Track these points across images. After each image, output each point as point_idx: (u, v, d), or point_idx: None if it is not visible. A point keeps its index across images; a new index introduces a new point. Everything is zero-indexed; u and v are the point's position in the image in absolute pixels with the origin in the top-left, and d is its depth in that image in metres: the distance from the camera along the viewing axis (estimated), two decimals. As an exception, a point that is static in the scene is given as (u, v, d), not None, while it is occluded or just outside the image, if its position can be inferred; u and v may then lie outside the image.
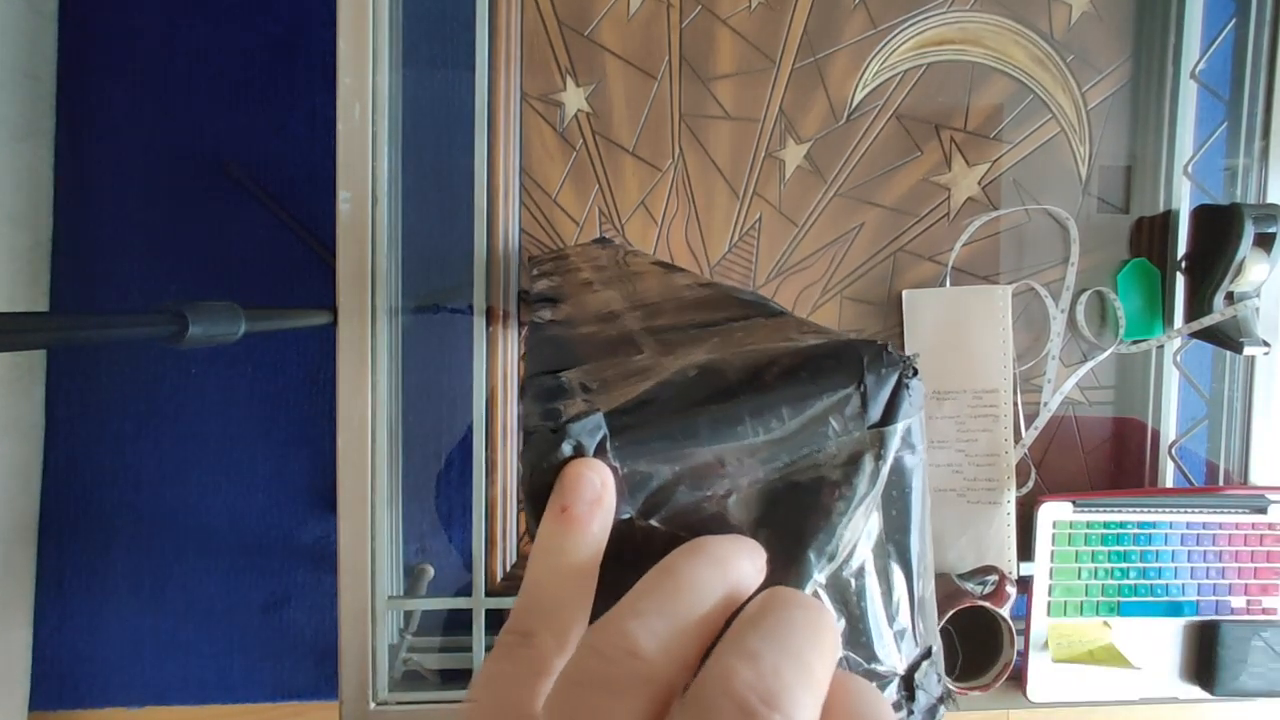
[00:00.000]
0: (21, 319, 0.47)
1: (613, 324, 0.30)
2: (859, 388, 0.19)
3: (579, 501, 0.18)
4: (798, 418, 0.19)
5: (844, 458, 0.19)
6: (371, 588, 0.64)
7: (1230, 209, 0.67)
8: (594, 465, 0.18)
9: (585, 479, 0.18)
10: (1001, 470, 0.69)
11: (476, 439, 0.67)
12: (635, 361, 0.23)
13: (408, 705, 0.65)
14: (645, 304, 0.33)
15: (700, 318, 0.28)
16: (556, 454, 0.19)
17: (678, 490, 0.19)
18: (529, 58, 0.68)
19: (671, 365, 0.22)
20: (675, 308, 0.31)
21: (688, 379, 0.20)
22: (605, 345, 0.27)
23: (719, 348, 0.23)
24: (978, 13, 0.70)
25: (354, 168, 0.63)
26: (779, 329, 0.24)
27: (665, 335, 0.26)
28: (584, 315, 0.33)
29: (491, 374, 0.68)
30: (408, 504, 0.72)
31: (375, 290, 0.64)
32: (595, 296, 0.38)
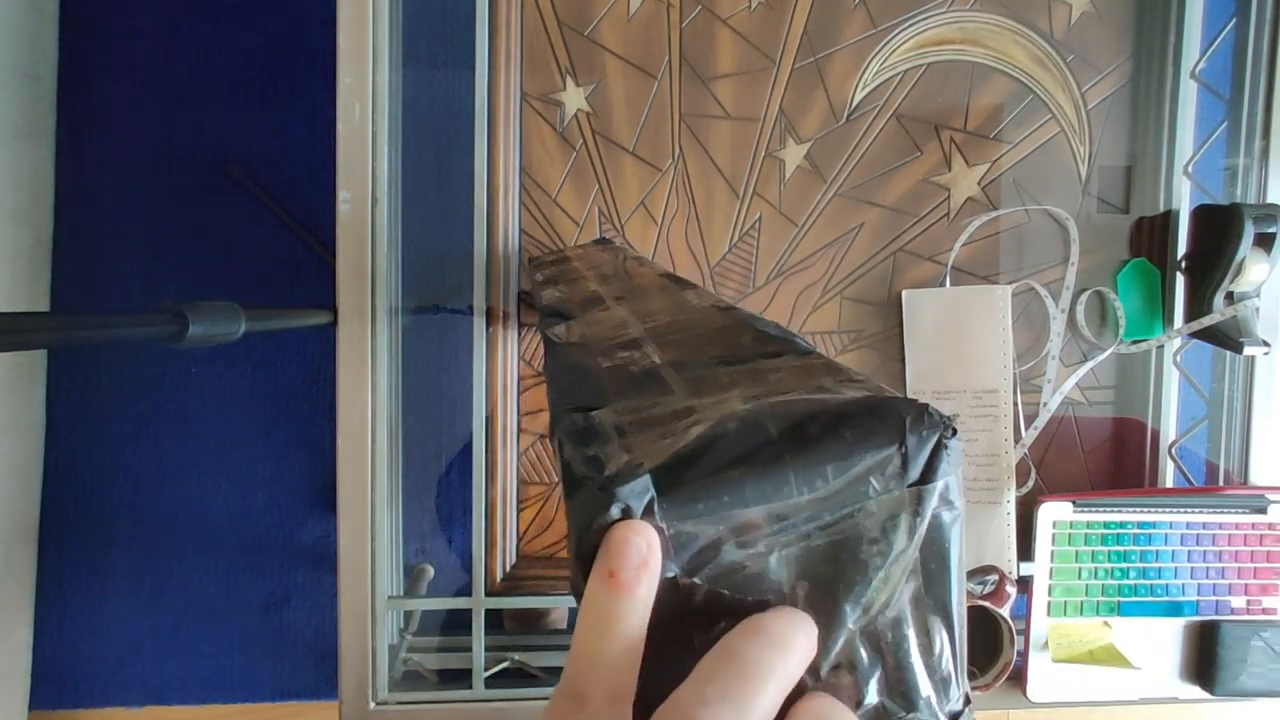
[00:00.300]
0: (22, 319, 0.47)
1: (635, 352, 0.30)
2: (900, 448, 0.20)
3: (626, 566, 0.18)
4: (841, 477, 0.20)
5: (883, 515, 0.20)
6: (371, 588, 0.64)
7: (1230, 209, 0.67)
8: (641, 529, 0.19)
9: (632, 543, 0.18)
10: (1001, 470, 0.69)
11: (476, 439, 0.67)
12: (668, 403, 0.24)
13: (408, 705, 0.65)
14: (662, 329, 0.33)
15: (724, 351, 0.28)
16: (605, 516, 0.19)
17: (722, 549, 0.19)
18: (529, 57, 0.68)
19: (708, 412, 0.22)
20: (695, 337, 0.31)
21: (729, 431, 0.20)
22: (632, 381, 0.27)
23: (751, 389, 0.23)
24: (978, 13, 0.70)
25: (354, 168, 0.63)
26: (811, 374, 0.24)
27: (692, 371, 0.26)
28: (600, 338, 0.33)
29: (491, 374, 0.68)
30: (408, 504, 0.72)
31: (375, 290, 0.64)
32: (607, 315, 0.37)
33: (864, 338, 0.71)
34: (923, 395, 0.70)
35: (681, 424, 0.22)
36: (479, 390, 0.67)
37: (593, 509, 0.19)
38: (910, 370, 0.71)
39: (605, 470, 0.20)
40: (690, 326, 0.33)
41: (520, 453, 0.70)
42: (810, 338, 0.71)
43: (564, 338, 0.35)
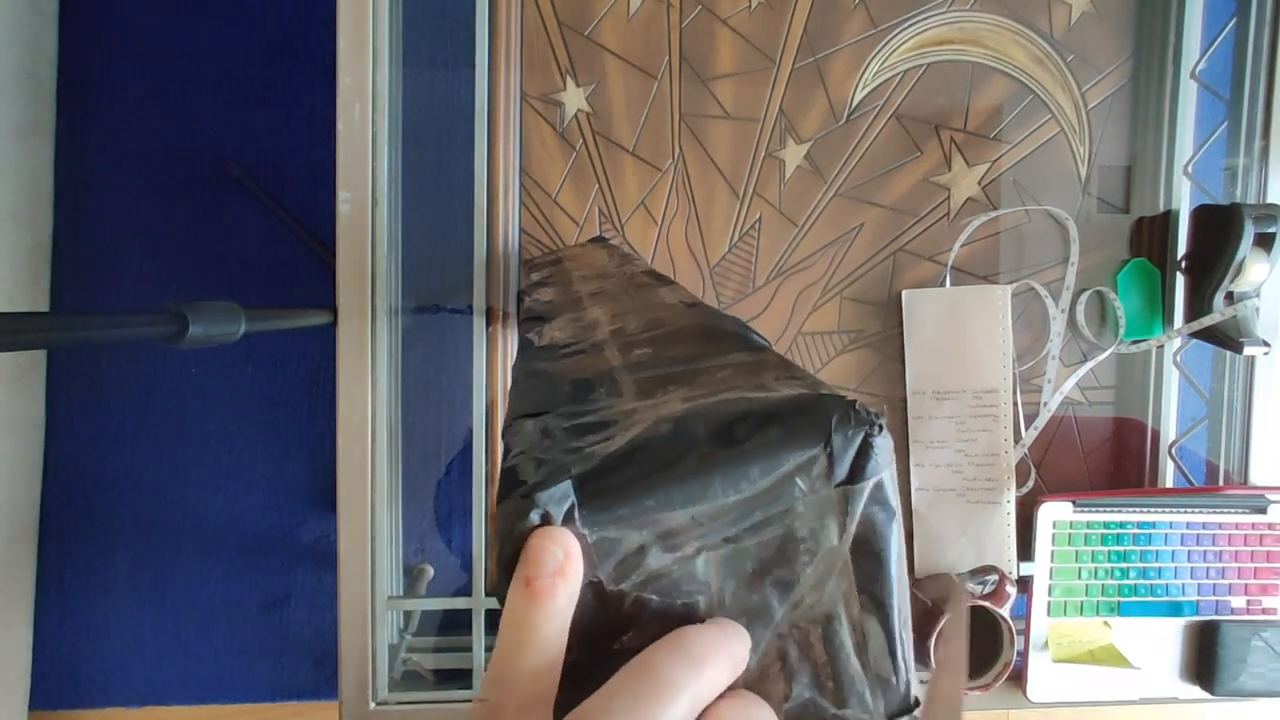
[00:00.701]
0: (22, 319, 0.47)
1: (596, 356, 0.30)
2: (826, 448, 0.20)
3: (542, 574, 0.18)
4: (767, 478, 0.19)
5: (811, 515, 0.20)
6: (371, 588, 0.64)
7: (1230, 209, 0.67)
8: (557, 536, 0.18)
9: (548, 550, 0.18)
10: (1001, 470, 0.69)
11: (476, 439, 0.67)
12: (614, 407, 0.23)
13: (407, 705, 0.65)
14: (631, 331, 0.33)
15: (682, 351, 0.28)
16: (524, 522, 0.19)
17: (648, 554, 0.19)
18: (529, 58, 0.68)
19: (646, 414, 0.22)
20: (657, 338, 0.31)
21: (660, 435, 0.20)
22: (585, 384, 0.27)
23: (694, 390, 0.23)
24: (977, 12, 0.70)
25: (354, 168, 0.63)
26: (756, 371, 0.24)
27: (645, 373, 0.26)
28: (567, 341, 0.33)
29: (491, 374, 0.68)
30: (407, 504, 0.72)
31: (375, 290, 0.64)
32: (582, 316, 0.37)
33: (864, 338, 0.71)
34: (923, 395, 0.70)
35: (618, 427, 0.21)
36: (479, 390, 0.67)
37: (513, 515, 0.19)
38: (910, 370, 0.71)
39: (533, 476, 0.20)
40: (657, 325, 0.33)
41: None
42: (810, 338, 0.71)
43: (535, 342, 0.34)
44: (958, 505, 0.70)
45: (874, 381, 0.72)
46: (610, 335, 0.33)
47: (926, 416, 0.70)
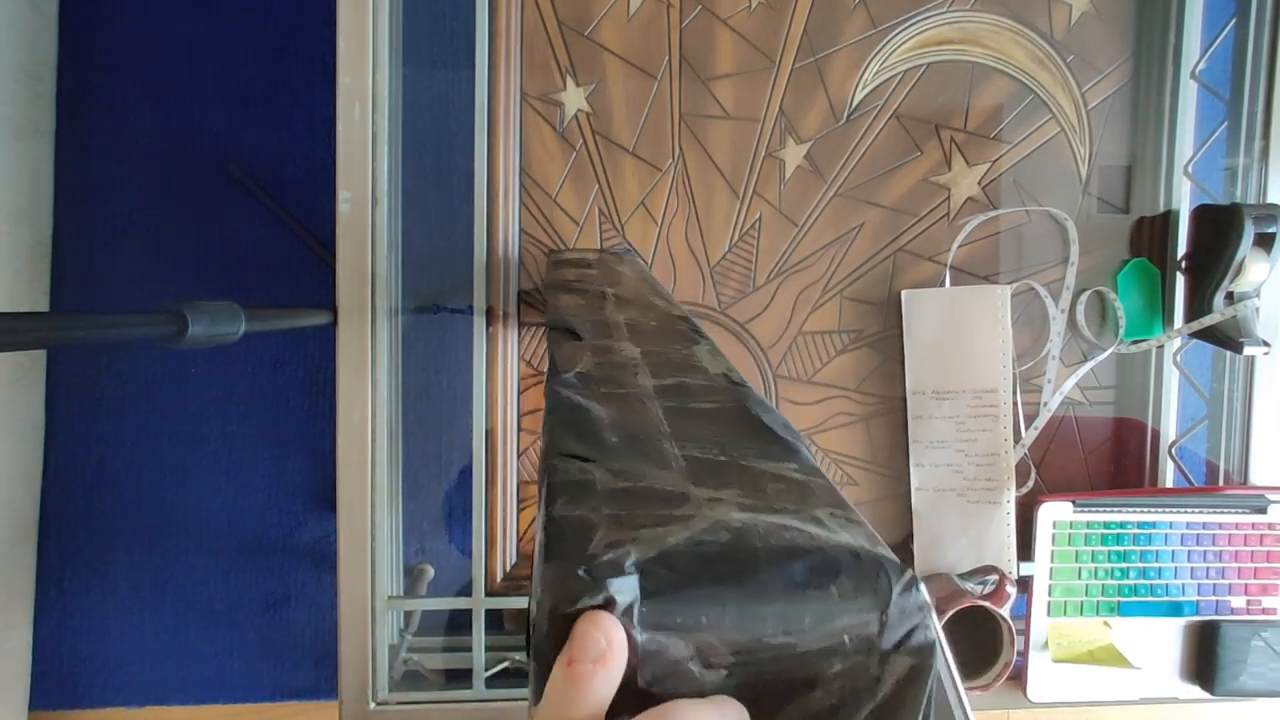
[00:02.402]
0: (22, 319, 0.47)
1: (639, 410, 0.29)
2: (882, 615, 0.20)
3: (585, 659, 0.18)
4: (817, 628, 0.20)
5: (849, 668, 0.20)
6: (371, 588, 0.64)
7: (1230, 209, 0.67)
8: (607, 626, 0.18)
9: (594, 639, 0.18)
10: (1001, 470, 0.69)
11: (476, 439, 0.67)
12: (663, 480, 0.23)
13: (408, 705, 0.65)
14: (668, 389, 0.32)
15: (729, 436, 0.28)
16: (582, 603, 0.18)
17: (685, 666, 0.19)
18: (529, 58, 0.68)
19: (703, 509, 0.22)
20: (704, 413, 0.30)
21: (720, 544, 0.20)
22: (633, 442, 0.26)
23: (749, 495, 0.23)
24: (978, 13, 0.70)
25: (354, 168, 0.63)
26: (807, 497, 0.24)
27: (692, 451, 0.26)
28: (607, 379, 0.32)
29: (491, 374, 0.68)
30: (408, 504, 0.72)
31: (375, 290, 0.64)
32: (618, 350, 0.36)
33: (864, 337, 0.71)
34: (922, 394, 0.70)
35: (675, 511, 0.21)
36: (479, 390, 0.67)
37: (572, 590, 0.19)
38: (909, 370, 0.71)
39: (592, 543, 0.19)
40: (701, 395, 0.32)
41: (520, 452, 0.70)
42: (810, 337, 0.71)
43: (572, 362, 0.34)
44: (958, 505, 0.70)
45: (874, 381, 0.72)
46: (654, 390, 0.32)
47: (926, 416, 0.70)
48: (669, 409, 0.30)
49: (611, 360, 0.34)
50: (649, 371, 0.34)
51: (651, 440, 0.27)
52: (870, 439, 0.72)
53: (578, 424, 0.27)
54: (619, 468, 0.24)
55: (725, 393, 0.33)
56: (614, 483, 0.23)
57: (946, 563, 0.70)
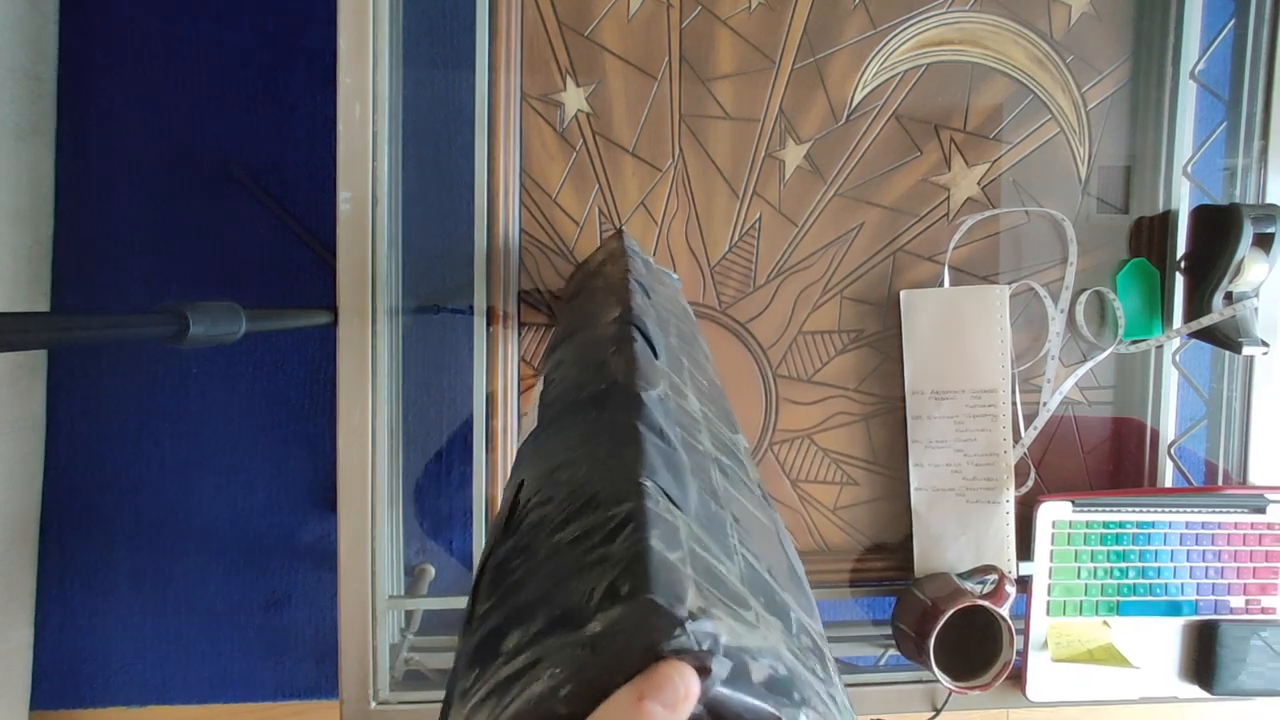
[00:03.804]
0: (23, 319, 0.47)
1: (708, 481, 0.28)
2: None
3: (660, 700, 0.18)
4: None
5: None
6: (372, 587, 0.64)
7: (1229, 209, 0.67)
8: (691, 681, 0.18)
9: (676, 685, 0.18)
10: (1000, 470, 0.69)
11: (477, 439, 0.67)
12: (728, 573, 0.23)
13: (408, 705, 0.65)
14: (728, 471, 0.31)
15: (769, 556, 0.28)
16: (677, 644, 0.18)
17: None
18: (529, 58, 0.68)
19: (761, 625, 0.22)
20: (749, 517, 0.29)
21: (780, 676, 0.20)
22: (707, 510, 0.25)
23: (790, 637, 0.23)
24: (977, 13, 0.70)
25: (354, 168, 0.63)
26: (828, 674, 0.25)
27: (747, 555, 0.26)
28: (682, 424, 0.30)
29: (492, 374, 0.68)
30: (408, 504, 0.72)
31: (376, 290, 0.64)
32: (687, 396, 0.34)
33: (864, 337, 0.72)
34: (921, 394, 0.71)
35: (742, 612, 0.21)
36: (479, 390, 0.67)
37: (669, 631, 0.18)
38: (909, 370, 0.71)
39: (687, 600, 0.19)
40: (744, 492, 0.31)
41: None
42: (810, 337, 0.71)
43: (653, 381, 0.31)
44: (957, 505, 0.70)
45: (873, 381, 0.72)
46: (715, 463, 0.31)
47: (925, 416, 0.70)
48: (726, 491, 0.29)
49: (682, 406, 0.32)
50: (709, 438, 0.33)
51: (720, 519, 0.26)
52: (870, 439, 0.72)
53: (669, 459, 0.26)
54: (697, 531, 0.23)
55: (763, 507, 0.32)
56: (694, 544, 0.22)
57: (946, 562, 0.70)
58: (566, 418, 0.32)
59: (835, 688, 0.24)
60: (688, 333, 0.46)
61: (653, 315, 0.40)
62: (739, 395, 0.71)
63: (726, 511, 0.27)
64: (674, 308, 0.49)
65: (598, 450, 0.27)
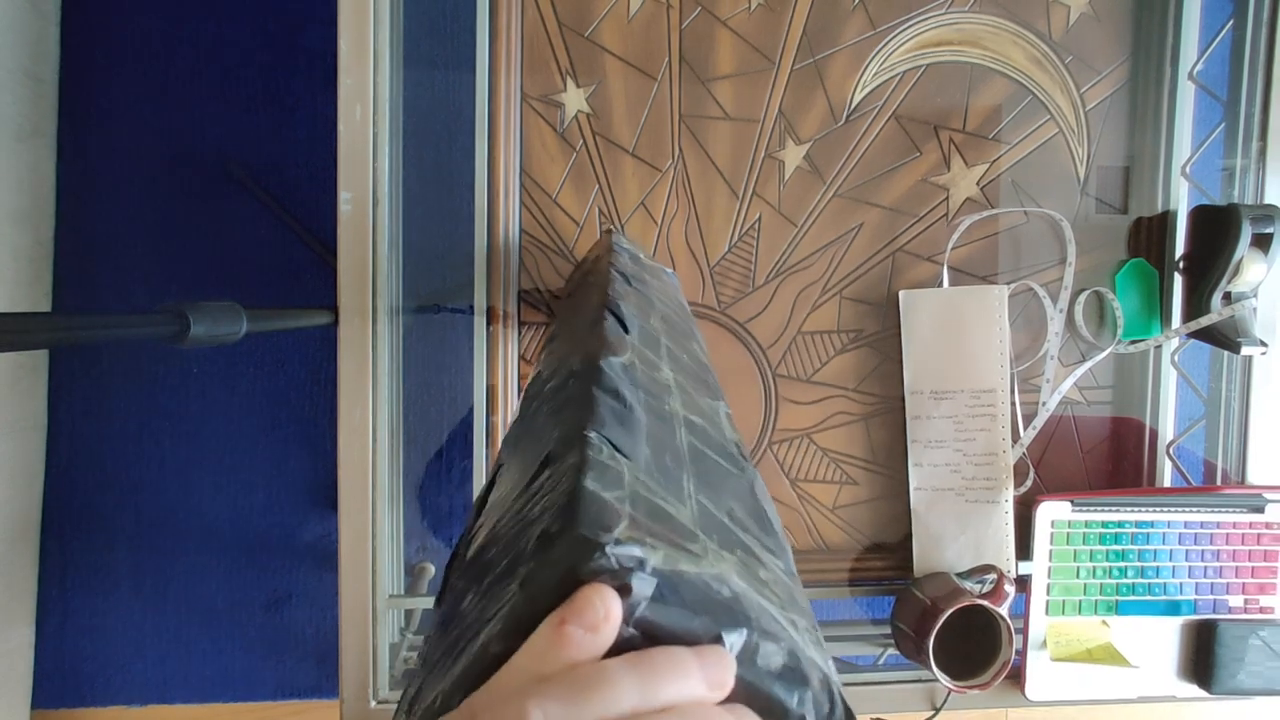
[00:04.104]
0: (24, 319, 0.47)
1: (669, 438, 0.29)
2: None
3: (579, 623, 0.18)
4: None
5: None
6: (372, 586, 0.64)
7: (1228, 209, 0.68)
8: (610, 601, 0.18)
9: (596, 606, 0.18)
10: (999, 469, 0.70)
11: (477, 438, 0.68)
12: (678, 514, 0.23)
13: (408, 703, 0.65)
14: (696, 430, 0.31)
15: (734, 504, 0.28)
16: (595, 565, 0.18)
17: None
18: (529, 59, 0.68)
19: (709, 555, 0.22)
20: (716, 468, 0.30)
21: (723, 597, 0.21)
22: (660, 461, 0.26)
23: (747, 572, 0.23)
24: (976, 14, 0.71)
25: (355, 168, 0.63)
26: (793, 602, 0.25)
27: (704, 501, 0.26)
28: (648, 389, 0.31)
29: (492, 373, 0.68)
30: (409, 503, 0.72)
31: (376, 290, 0.64)
32: (660, 370, 0.35)
33: (863, 337, 0.72)
34: (921, 394, 0.71)
35: (686, 545, 0.21)
36: (480, 390, 0.67)
37: (593, 559, 0.19)
38: (908, 370, 0.71)
39: (615, 529, 0.19)
40: (714, 448, 0.32)
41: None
42: (810, 337, 0.71)
43: (620, 350, 0.32)
44: (956, 505, 0.70)
45: (872, 381, 0.72)
46: (684, 421, 0.31)
47: (925, 416, 0.71)
48: (692, 446, 0.30)
49: (652, 376, 0.33)
50: (680, 402, 0.34)
51: (674, 469, 0.27)
52: (869, 438, 0.72)
53: (622, 416, 0.27)
54: (644, 478, 0.24)
55: (735, 461, 0.33)
56: (638, 488, 0.23)
57: (945, 562, 0.70)
58: (542, 401, 0.33)
59: (801, 617, 0.24)
60: (674, 319, 0.47)
61: (632, 300, 0.41)
62: (739, 395, 0.71)
63: (686, 464, 0.28)
64: (664, 297, 0.50)
65: (561, 418, 0.28)
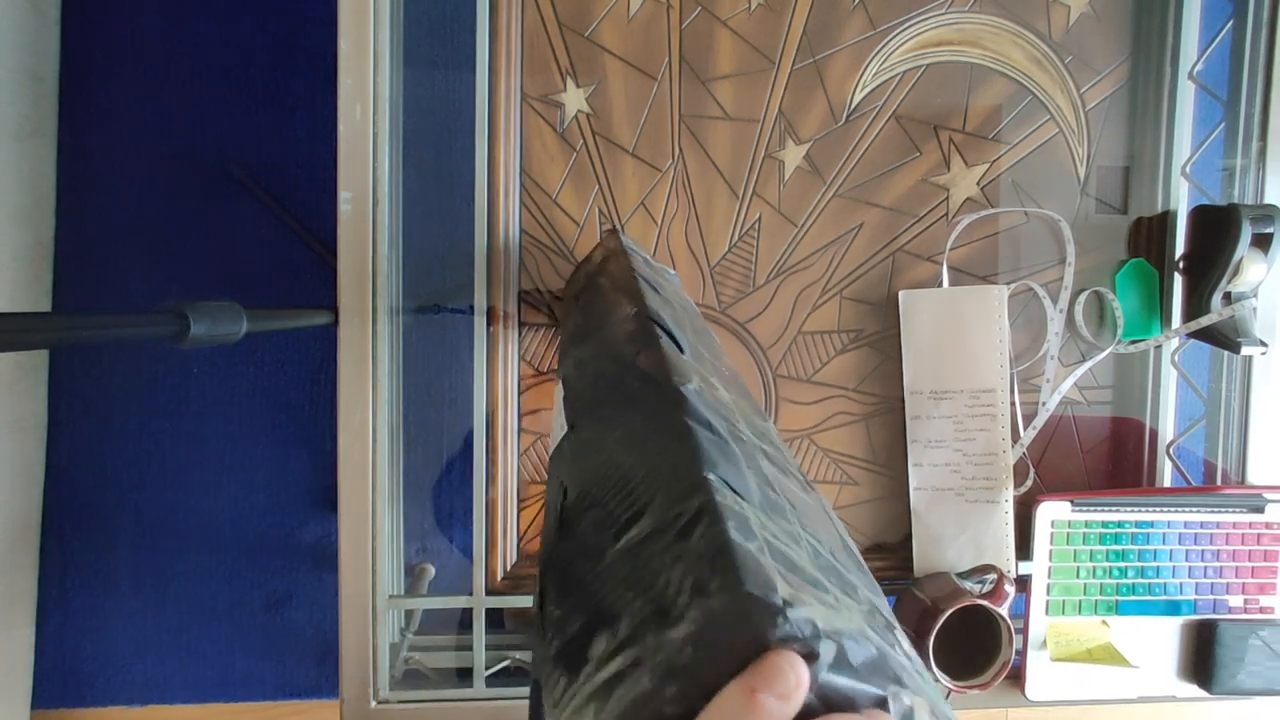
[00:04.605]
0: (24, 319, 0.47)
1: (757, 468, 0.28)
2: None
3: (772, 692, 0.17)
4: None
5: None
6: (372, 587, 0.64)
7: (1228, 209, 0.68)
8: (800, 669, 0.18)
9: (788, 676, 0.18)
10: (999, 469, 0.70)
11: (477, 439, 0.68)
12: (802, 561, 0.23)
13: (408, 704, 0.65)
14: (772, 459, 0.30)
15: (829, 540, 0.28)
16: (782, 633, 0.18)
17: None
18: (529, 58, 0.68)
19: (843, 607, 0.22)
20: (803, 503, 0.29)
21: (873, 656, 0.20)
22: (768, 498, 0.25)
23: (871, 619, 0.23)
24: (976, 14, 0.71)
25: (355, 168, 0.63)
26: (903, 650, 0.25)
27: (812, 540, 0.26)
28: (722, 416, 0.30)
29: (492, 374, 0.68)
30: (409, 503, 0.72)
31: (376, 290, 0.64)
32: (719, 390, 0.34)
33: (863, 337, 0.72)
34: (920, 394, 0.71)
35: (825, 597, 0.21)
36: (480, 390, 0.67)
37: (767, 622, 0.18)
38: (907, 370, 0.71)
39: (777, 590, 0.19)
40: (790, 475, 0.31)
41: (521, 452, 0.70)
42: (810, 337, 0.71)
43: (686, 376, 0.30)
44: (956, 504, 0.70)
45: (872, 381, 0.72)
46: (759, 451, 0.30)
47: (924, 416, 0.71)
48: (775, 477, 0.29)
49: (716, 396, 0.32)
50: (746, 425, 0.32)
51: (777, 504, 0.26)
52: (870, 438, 0.72)
53: (722, 449, 0.26)
54: (765, 521, 0.23)
55: (806, 487, 0.32)
56: (766, 534, 0.22)
57: (945, 561, 0.70)
58: (603, 417, 0.32)
59: (917, 662, 0.24)
60: (700, 326, 0.46)
61: (668, 311, 0.40)
62: (738, 395, 0.71)
63: (782, 497, 0.27)
64: (682, 302, 0.49)
65: (649, 448, 0.27)
